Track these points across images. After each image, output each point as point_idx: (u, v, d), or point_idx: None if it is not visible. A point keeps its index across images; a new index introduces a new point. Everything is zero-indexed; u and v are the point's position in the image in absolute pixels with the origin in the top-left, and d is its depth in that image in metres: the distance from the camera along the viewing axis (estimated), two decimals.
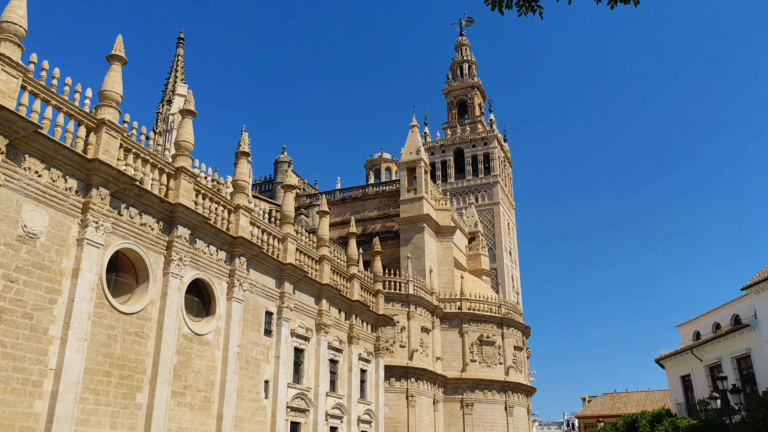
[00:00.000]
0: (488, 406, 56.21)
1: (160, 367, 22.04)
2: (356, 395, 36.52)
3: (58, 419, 18.04)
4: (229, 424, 25.09)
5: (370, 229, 62.84)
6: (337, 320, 35.94)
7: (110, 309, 20.88)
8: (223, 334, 25.98)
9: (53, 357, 18.54)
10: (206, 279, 25.54)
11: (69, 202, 19.68)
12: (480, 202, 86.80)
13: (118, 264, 22.22)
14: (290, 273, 30.76)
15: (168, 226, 23.64)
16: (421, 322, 53.69)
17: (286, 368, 29.87)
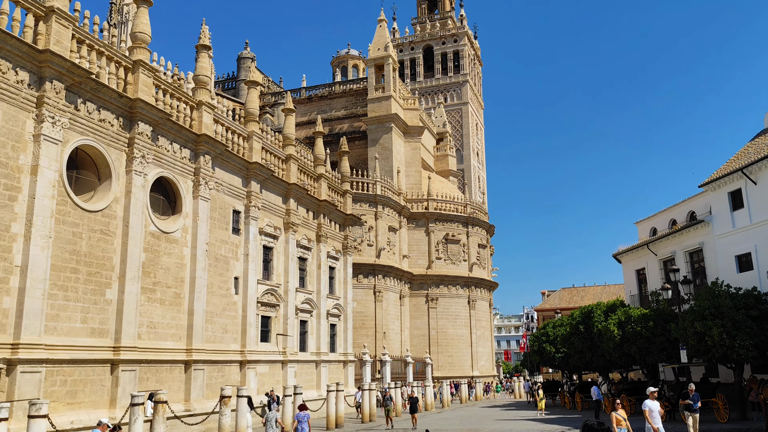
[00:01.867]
0: (452, 301, 58.59)
1: (128, 264, 22.13)
2: (325, 291, 37.51)
3: (28, 314, 18.18)
4: (201, 318, 25.69)
5: (338, 129, 62.11)
6: (305, 219, 36.21)
7: (73, 206, 20.59)
8: (191, 232, 26.01)
9: (17, 254, 18.40)
10: (171, 177, 25.20)
11: (21, 95, 18.80)
12: (449, 102, 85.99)
13: (79, 161, 21.68)
14: (256, 172, 30.51)
15: (128, 123, 22.94)
16: (389, 222, 54.52)
17: (256, 265, 30.31)
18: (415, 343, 56.19)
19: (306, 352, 35.03)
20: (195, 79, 27.41)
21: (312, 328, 35.88)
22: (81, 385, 20.07)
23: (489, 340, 63.60)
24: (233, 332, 28.51)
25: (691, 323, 25.99)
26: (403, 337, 54.90)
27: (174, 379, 24.12)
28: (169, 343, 24.19)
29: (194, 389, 24.75)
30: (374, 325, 51.04)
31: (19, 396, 17.38)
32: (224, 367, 27.43)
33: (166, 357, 23.76)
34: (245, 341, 28.85)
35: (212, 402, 24.46)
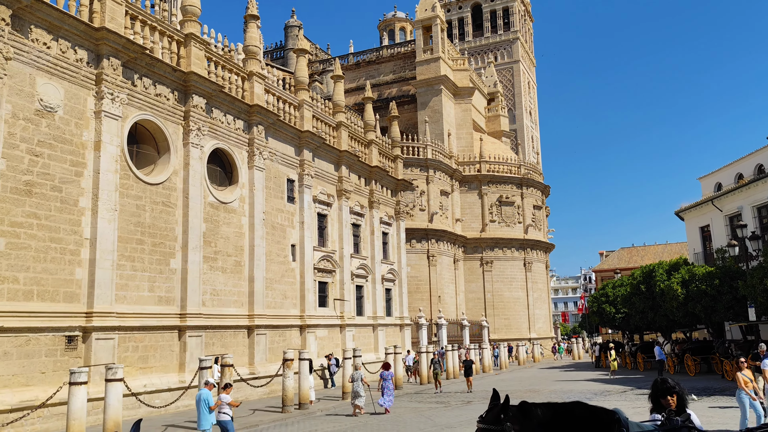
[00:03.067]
0: (507, 263, 58.15)
1: (190, 234, 22.84)
2: (379, 256, 37.85)
3: (99, 284, 19.08)
4: (261, 285, 26.39)
5: (386, 94, 61.68)
6: (358, 186, 36.40)
7: (135, 180, 21.30)
8: (248, 201, 26.56)
9: (86, 227, 19.24)
10: (226, 148, 25.67)
11: (81, 74, 19.41)
12: (499, 61, 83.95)
13: (138, 136, 22.33)
14: (308, 140, 30.75)
15: (183, 96, 23.40)
16: (440, 186, 54.21)
17: (311, 233, 30.80)
18: (471, 307, 56.28)
19: (363, 316, 35.61)
20: (245, 49, 27.61)
21: (368, 292, 36.37)
22: (151, 350, 21.04)
23: (546, 302, 63.06)
24: (292, 298, 29.20)
25: (761, 280, 25.03)
26: (459, 300, 55.04)
27: (238, 343, 24.98)
28: (231, 309, 25.00)
29: (257, 353, 25.60)
30: (429, 290, 51.29)
31: (95, 361, 18.37)
32: (285, 331, 28.20)
33: (229, 323, 24.60)
34: (304, 306, 29.53)
35: (275, 365, 25.25)
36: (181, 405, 19.89)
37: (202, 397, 13.60)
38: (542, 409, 4.31)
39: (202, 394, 13.64)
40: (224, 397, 14.03)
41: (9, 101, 17.21)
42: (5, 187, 16.98)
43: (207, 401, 13.48)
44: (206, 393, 13.64)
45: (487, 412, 4.37)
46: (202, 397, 13.58)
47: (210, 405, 13.50)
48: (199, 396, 13.70)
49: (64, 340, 18.13)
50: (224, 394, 14.20)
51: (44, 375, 17.43)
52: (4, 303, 16.63)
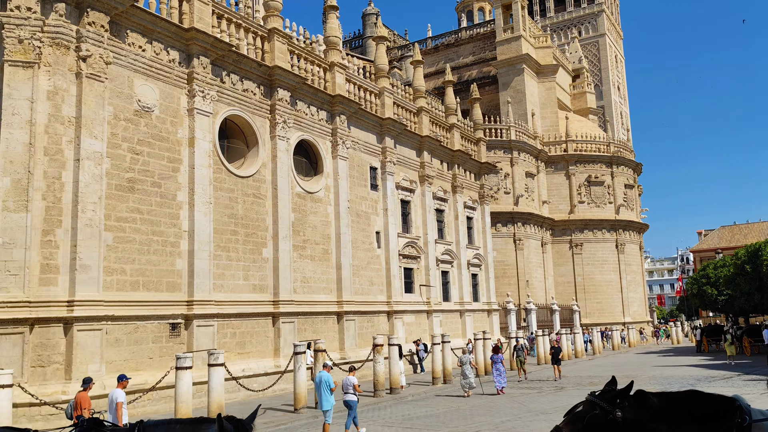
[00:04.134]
0: (598, 245, 56.23)
1: (280, 224, 23.56)
2: (464, 241, 37.58)
3: (198, 274, 20.07)
4: (348, 271, 26.87)
5: (466, 76, 60.80)
6: (440, 171, 36.22)
7: (227, 174, 22.16)
8: (333, 190, 27.05)
9: (185, 220, 20.24)
10: (311, 139, 26.21)
11: (174, 73, 20.35)
12: (584, 36, 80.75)
13: (228, 131, 23.18)
14: (390, 128, 30.87)
15: (269, 90, 24.06)
16: (525, 168, 53.03)
17: (395, 219, 30.99)
18: (560, 291, 54.90)
19: (449, 301, 35.53)
20: (325, 40, 27.99)
21: (453, 278, 36.23)
22: (248, 336, 21.94)
23: (641, 284, 60.53)
24: (379, 284, 29.56)
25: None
26: (547, 284, 53.82)
27: (328, 329, 25.59)
28: (321, 296, 25.63)
29: (347, 338, 26.14)
30: (516, 274, 50.44)
31: (197, 347, 19.36)
32: (373, 317, 28.62)
33: (319, 309, 25.24)
34: (390, 292, 29.83)
35: (364, 350, 25.69)
36: (277, 389, 20.63)
37: (323, 379, 14.13)
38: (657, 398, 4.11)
39: (323, 376, 14.18)
40: (351, 379, 14.66)
41: (110, 103, 18.31)
42: (110, 184, 18.11)
43: (328, 383, 14.04)
44: (326, 375, 14.20)
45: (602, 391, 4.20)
46: (323, 379, 14.11)
47: (331, 387, 14.05)
48: (320, 378, 14.21)
49: (168, 327, 19.23)
50: (351, 376, 14.83)
51: (152, 360, 18.56)
52: (114, 293, 17.80)
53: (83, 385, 12.61)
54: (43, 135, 16.78)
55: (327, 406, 13.95)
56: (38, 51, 16.74)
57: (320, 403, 14.12)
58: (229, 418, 4.74)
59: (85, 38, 17.45)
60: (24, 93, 16.49)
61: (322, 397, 14.03)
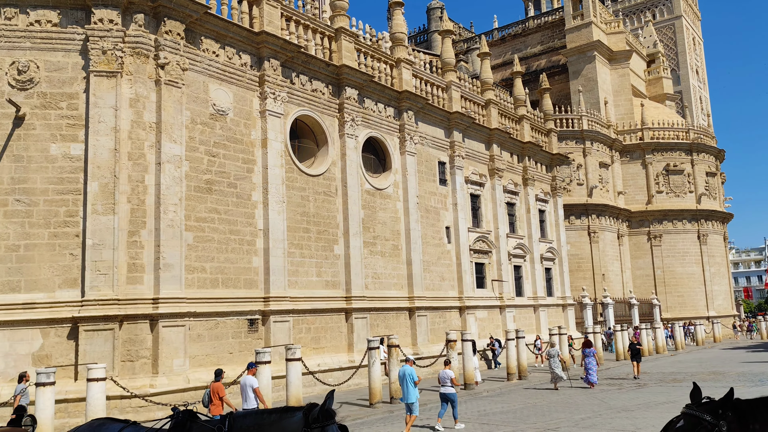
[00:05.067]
0: (678, 237, 53.87)
1: (350, 221, 23.83)
2: (536, 235, 36.84)
3: (273, 271, 20.59)
4: (418, 267, 26.88)
5: (535, 66, 59.51)
6: (510, 164, 35.64)
7: (299, 173, 22.61)
8: (401, 186, 27.11)
9: (259, 219, 20.82)
10: (378, 136, 26.36)
11: (246, 77, 20.93)
12: (658, 19, 77.37)
13: (299, 131, 23.64)
14: (458, 121, 30.63)
15: (336, 89, 24.36)
16: (599, 158, 51.43)
17: (465, 214, 30.74)
18: (639, 284, 52.95)
19: (522, 296, 34.95)
20: (392, 37, 28.06)
21: (526, 272, 35.60)
22: (322, 332, 22.34)
23: (725, 277, 57.55)
24: (450, 280, 29.42)
25: None
26: (625, 278, 52.03)
27: (400, 325, 25.70)
28: (392, 291, 25.76)
29: (419, 334, 26.17)
30: (591, 267, 49.02)
31: (274, 342, 19.88)
32: (444, 312, 28.52)
33: (391, 305, 25.37)
34: (462, 288, 29.63)
35: (437, 346, 25.66)
36: (352, 383, 20.92)
37: (407, 372, 14.45)
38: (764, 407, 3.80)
39: (406, 370, 14.51)
40: (448, 372, 15.12)
41: (188, 108, 19.03)
42: (189, 186, 18.84)
43: (411, 376, 14.36)
44: (410, 369, 14.54)
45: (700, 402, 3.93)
46: (407, 373, 14.43)
47: (414, 380, 14.38)
48: (403, 372, 14.52)
49: (247, 323, 19.83)
50: (448, 370, 15.29)
51: (231, 355, 19.20)
52: (195, 290, 18.52)
53: (216, 377, 13.55)
54: (126, 141, 17.64)
55: (412, 398, 14.22)
56: (120, 61, 17.60)
57: (404, 396, 14.37)
58: (313, 405, 4.86)
59: (162, 46, 18.21)
60: (108, 101, 17.38)
61: (407, 389, 14.29)
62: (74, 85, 17.54)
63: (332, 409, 4.94)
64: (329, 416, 4.83)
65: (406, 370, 14.46)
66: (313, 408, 4.86)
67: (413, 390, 14.22)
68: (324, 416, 4.81)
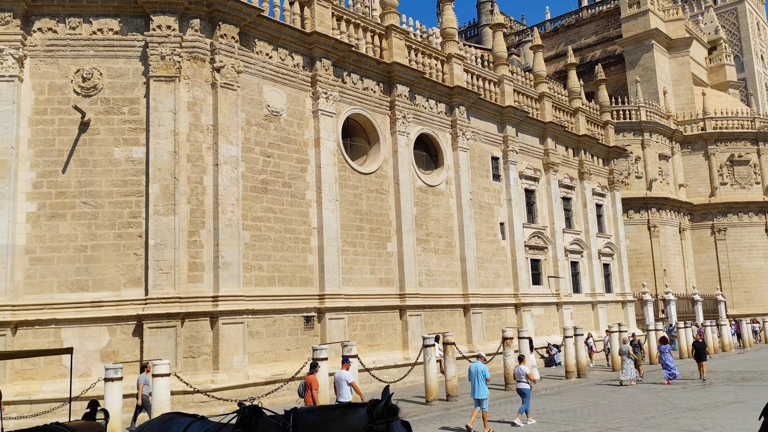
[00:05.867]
0: (744, 230, 51.62)
1: (403, 218, 23.81)
2: (594, 230, 35.97)
3: (328, 269, 20.79)
4: (473, 264, 26.63)
5: (589, 58, 58.09)
6: (565, 158, 34.90)
7: (351, 171, 22.74)
8: (454, 182, 26.91)
9: (313, 218, 21.05)
10: (430, 133, 26.24)
11: (299, 77, 21.19)
12: (719, 4, 74.25)
13: (350, 129, 23.77)
14: (511, 116, 30.19)
15: (387, 87, 24.37)
16: (658, 150, 49.80)
17: (519, 209, 30.27)
18: (702, 280, 51.01)
19: (580, 293, 34.19)
20: (442, 32, 27.88)
21: (583, 268, 34.81)
22: (377, 329, 22.41)
23: None
24: (504, 276, 29.05)
25: None
26: (687, 273, 50.23)
27: (455, 322, 25.54)
28: (446, 289, 25.62)
29: (474, 331, 25.94)
30: (651, 263, 47.53)
31: (330, 339, 20.06)
32: (500, 310, 28.18)
33: (445, 302, 25.24)
34: (517, 284, 29.22)
35: (492, 343, 25.37)
36: (407, 381, 20.90)
37: (479, 369, 14.66)
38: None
39: (478, 366, 14.73)
40: (523, 368, 15.46)
41: (243, 110, 19.41)
42: (246, 186, 19.21)
43: (484, 373, 14.58)
44: (482, 366, 14.76)
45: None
46: (479, 369, 14.64)
47: (486, 377, 14.58)
48: (476, 368, 14.72)
49: (303, 320, 20.10)
50: (523, 366, 15.64)
51: (289, 351, 19.50)
52: (253, 288, 18.89)
53: (311, 369, 14.25)
54: (185, 143, 18.13)
55: (484, 395, 14.40)
56: (178, 65, 18.09)
57: (475, 392, 14.53)
58: (376, 402, 4.88)
59: (218, 50, 18.63)
60: (167, 105, 17.90)
61: (478, 385, 14.46)
62: (135, 91, 18.14)
63: (396, 405, 4.94)
64: (393, 412, 4.83)
65: (479, 367, 14.69)
66: (376, 404, 4.87)
67: (484, 387, 14.45)
68: (388, 412, 4.82)
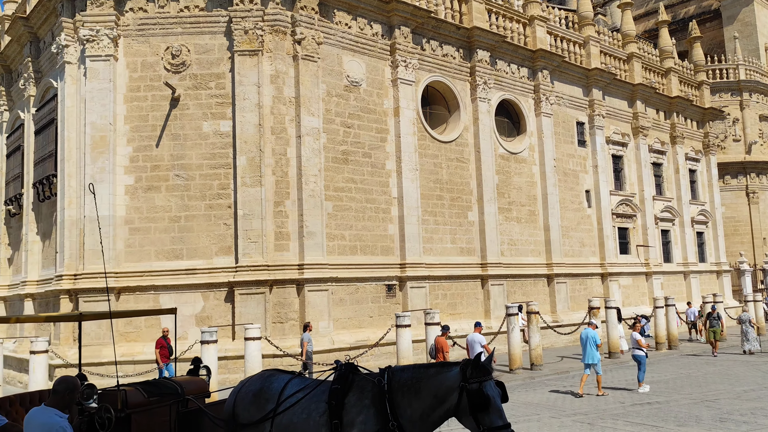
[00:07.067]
0: None
1: (484, 187, 23.49)
2: (686, 197, 34.20)
3: (408, 238, 20.89)
4: (556, 233, 26.00)
5: (682, 14, 54.54)
6: (656, 121, 33.20)
7: (431, 140, 22.59)
8: (537, 149, 26.22)
9: (393, 187, 21.13)
10: (512, 98, 25.59)
11: (378, 46, 21.13)
12: None
13: (429, 97, 23.55)
14: (597, 78, 28.94)
15: (467, 53, 23.90)
16: (759, 110, 46.38)
17: (606, 176, 29.16)
18: None
19: (671, 263, 32.75)
20: None
21: (675, 237, 33.26)
22: (458, 298, 22.41)
23: None
24: (590, 245, 28.22)
25: None
26: None
27: (538, 291, 25.13)
28: (529, 258, 25.19)
29: (558, 301, 25.45)
30: (750, 231, 44.71)
31: (411, 307, 20.25)
32: (585, 279, 27.47)
33: (527, 271, 24.85)
34: (604, 254, 28.32)
35: (577, 314, 24.84)
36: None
37: (589, 335, 14.97)
38: None
39: (588, 333, 15.06)
40: (636, 335, 15.54)
41: (324, 81, 19.61)
42: (327, 157, 19.50)
43: (594, 339, 14.87)
44: (593, 332, 15.07)
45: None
46: (589, 336, 14.95)
47: (597, 343, 14.89)
48: (586, 335, 15.04)
49: (384, 288, 20.37)
50: (636, 332, 15.71)
51: (371, 318, 19.86)
52: (336, 257, 19.29)
53: (442, 331, 15.19)
54: (269, 116, 18.55)
55: (595, 359, 14.74)
56: (261, 39, 18.44)
57: (586, 357, 14.82)
58: (469, 361, 4.90)
59: (298, 22, 18.83)
60: (251, 79, 18.34)
61: (590, 351, 14.75)
62: (221, 66, 18.69)
63: (489, 364, 4.94)
64: (487, 372, 4.84)
65: (589, 333, 15.02)
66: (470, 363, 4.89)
67: (595, 352, 14.79)
68: (481, 371, 4.83)
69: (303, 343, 16.06)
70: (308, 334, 16.31)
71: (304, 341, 16.07)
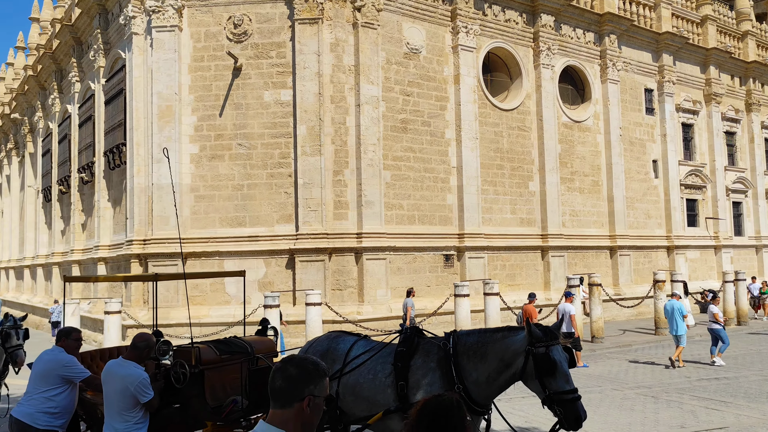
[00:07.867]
0: None
1: (546, 156, 22.95)
2: (761, 167, 32.51)
3: (467, 208, 20.70)
4: (621, 204, 25.24)
5: None
6: (730, 88, 31.50)
7: (492, 108, 22.16)
8: (602, 118, 25.35)
9: (453, 157, 20.91)
10: (577, 65, 24.74)
11: (438, 12, 20.74)
12: None
13: (491, 64, 23.03)
14: (668, 43, 27.59)
15: (531, 17, 23.18)
16: None
17: (675, 146, 27.98)
18: None
19: (742, 236, 31.35)
20: None
21: (748, 209, 31.76)
22: (517, 269, 22.15)
23: None
24: (656, 217, 27.29)
25: None
26: None
27: (600, 264, 24.55)
28: (591, 229, 24.59)
29: (621, 274, 24.82)
30: None
31: (469, 277, 20.16)
32: (650, 252, 26.64)
33: (590, 243, 24.28)
34: (670, 226, 27.35)
35: (640, 287, 24.19)
36: (550, 321, 20.55)
37: (675, 306, 15.06)
38: None
39: (674, 304, 15.18)
40: (713, 308, 15.41)
41: (383, 49, 19.44)
42: (386, 126, 19.42)
43: (680, 310, 14.98)
44: (678, 304, 15.20)
45: None
46: (675, 307, 15.04)
47: (683, 314, 15.01)
48: (672, 306, 15.13)
49: (442, 258, 20.33)
50: (714, 305, 15.56)
51: (429, 288, 19.90)
52: (393, 226, 19.33)
53: (529, 298, 15.68)
54: (329, 84, 18.58)
55: (681, 330, 14.75)
56: (321, 7, 18.39)
57: (673, 328, 14.88)
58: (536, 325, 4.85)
59: None
60: (311, 47, 18.36)
61: (676, 322, 14.79)
62: (281, 35, 18.77)
63: (556, 329, 4.87)
64: (554, 336, 4.77)
65: (674, 305, 15.06)
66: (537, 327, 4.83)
67: (681, 323, 14.80)
68: (548, 335, 4.76)
69: (407, 308, 16.43)
70: (411, 299, 16.68)
71: (408, 306, 16.45)
